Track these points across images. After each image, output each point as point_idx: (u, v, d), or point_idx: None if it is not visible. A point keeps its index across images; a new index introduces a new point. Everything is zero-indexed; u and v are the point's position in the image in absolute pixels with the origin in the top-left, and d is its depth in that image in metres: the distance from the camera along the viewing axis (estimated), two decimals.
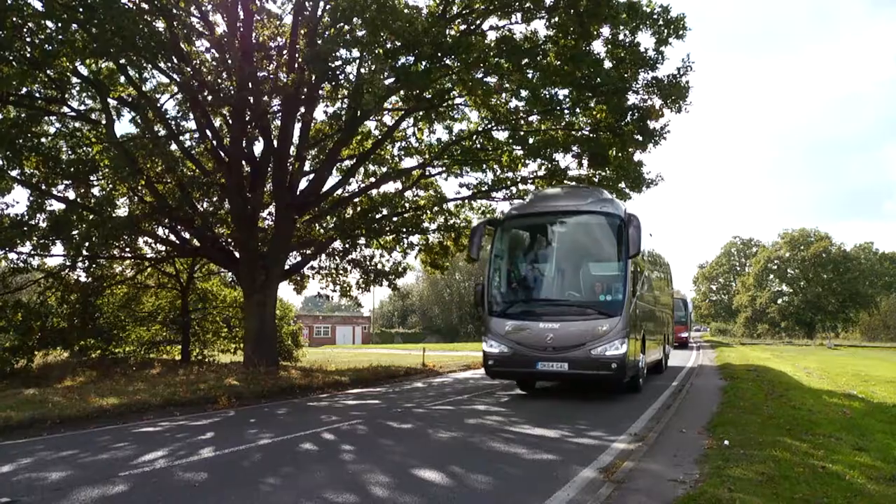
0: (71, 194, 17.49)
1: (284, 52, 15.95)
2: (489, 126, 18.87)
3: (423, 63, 14.93)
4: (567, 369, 11.62)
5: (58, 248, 17.40)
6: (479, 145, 19.29)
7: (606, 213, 12.21)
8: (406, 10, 13.98)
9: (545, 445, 7.98)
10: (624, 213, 12.04)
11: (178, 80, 14.83)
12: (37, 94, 16.04)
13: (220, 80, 15.14)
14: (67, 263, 17.92)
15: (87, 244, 15.75)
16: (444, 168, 19.78)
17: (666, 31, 15.26)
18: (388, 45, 14.12)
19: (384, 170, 20.49)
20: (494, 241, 13.20)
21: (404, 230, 20.19)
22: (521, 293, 12.62)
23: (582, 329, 11.56)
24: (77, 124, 17.35)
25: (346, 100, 16.13)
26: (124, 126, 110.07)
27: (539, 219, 13.19)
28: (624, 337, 11.42)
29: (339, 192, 19.00)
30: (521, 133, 18.39)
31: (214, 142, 16.14)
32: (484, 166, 19.51)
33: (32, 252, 17.01)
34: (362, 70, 15.08)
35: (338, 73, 14.87)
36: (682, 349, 34.47)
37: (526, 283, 12.70)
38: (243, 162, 16.61)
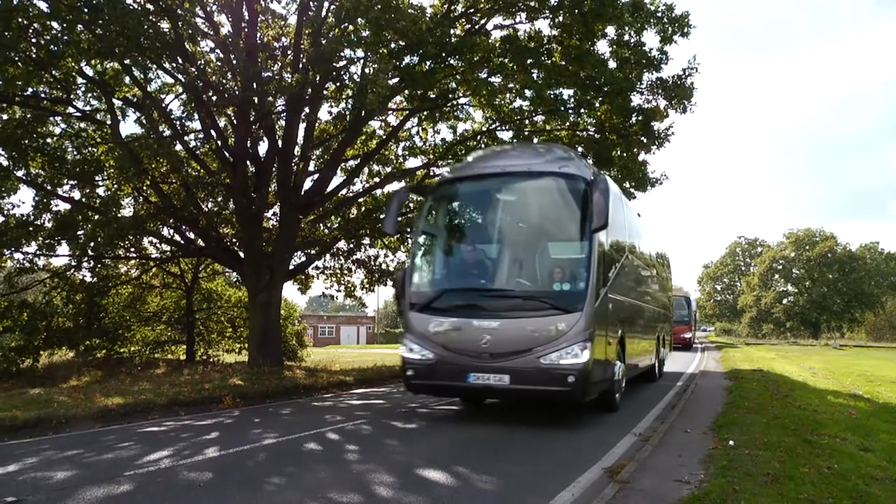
0: (76, 194, 17.57)
1: (289, 52, 15.97)
2: (494, 126, 18.86)
3: (428, 63, 14.92)
4: (508, 384, 8.72)
5: (63, 249, 17.51)
6: (483, 145, 19.28)
7: (566, 174, 9.36)
8: (410, 10, 13.99)
9: (548, 445, 7.98)
10: (591, 174, 9.32)
11: (183, 80, 14.86)
12: (42, 95, 16.11)
13: (224, 81, 15.18)
14: (73, 263, 18.00)
15: (92, 244, 15.79)
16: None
17: (670, 28, 15.22)
18: (393, 45, 14.12)
19: (388, 170, 20.49)
20: (422, 213, 10.64)
21: (409, 230, 20.20)
22: (452, 281, 9.85)
23: (529, 329, 8.74)
24: (82, 125, 17.40)
25: (350, 100, 16.14)
26: (129, 126, 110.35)
27: (478, 183, 10.19)
28: (586, 340, 8.56)
29: (344, 192, 19.02)
30: (526, 133, 18.36)
31: (219, 142, 16.18)
32: None
33: (38, 252, 17.09)
34: (367, 70, 15.10)
35: (342, 73, 14.88)
36: (685, 351, 33.94)
37: (458, 267, 10.02)
38: (248, 162, 16.64)
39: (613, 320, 10.15)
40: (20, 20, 13.03)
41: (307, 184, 17.88)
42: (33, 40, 13.84)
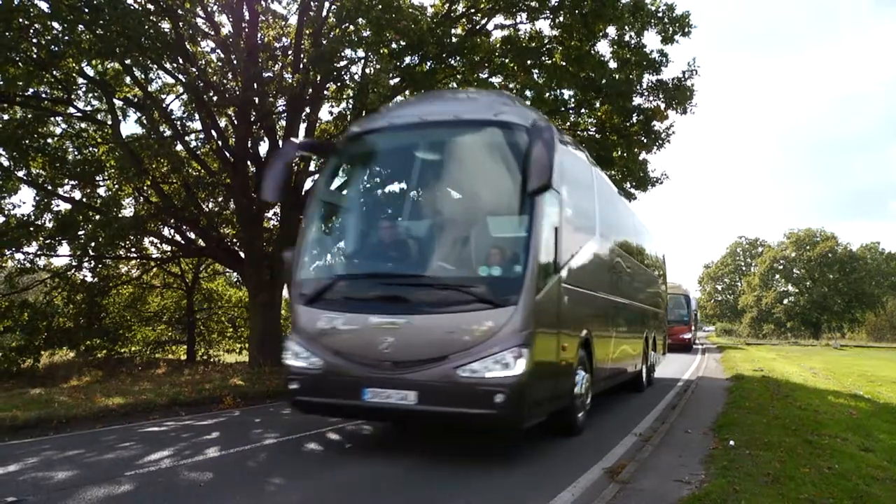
0: (77, 195, 17.61)
1: (289, 52, 15.98)
2: None
3: (429, 63, 14.94)
4: (414, 403, 6.39)
5: (64, 249, 17.54)
6: None
7: (503, 123, 6.99)
8: (411, 10, 13.99)
9: (550, 445, 7.96)
10: (531, 123, 6.63)
11: (184, 80, 14.89)
12: (43, 95, 16.13)
13: (225, 81, 15.20)
14: (73, 263, 18.05)
15: (93, 244, 15.83)
16: None
17: (671, 28, 15.22)
18: (393, 45, 14.13)
19: None
20: (320, 178, 8.59)
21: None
22: (349, 265, 7.68)
23: (444, 328, 6.40)
24: (83, 125, 17.43)
25: (351, 100, 16.16)
26: (130, 126, 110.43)
27: (390, 137, 7.73)
28: (522, 344, 6.21)
29: None
30: None
31: (220, 142, 16.20)
32: None
33: (39, 252, 17.15)
34: (367, 70, 15.11)
35: (343, 73, 14.90)
36: (684, 353, 33.44)
37: (359, 248, 7.80)
38: (248, 162, 16.66)
39: (572, 317, 7.82)
40: (21, 20, 13.06)
41: (308, 184, 17.88)
42: (34, 40, 13.86)
